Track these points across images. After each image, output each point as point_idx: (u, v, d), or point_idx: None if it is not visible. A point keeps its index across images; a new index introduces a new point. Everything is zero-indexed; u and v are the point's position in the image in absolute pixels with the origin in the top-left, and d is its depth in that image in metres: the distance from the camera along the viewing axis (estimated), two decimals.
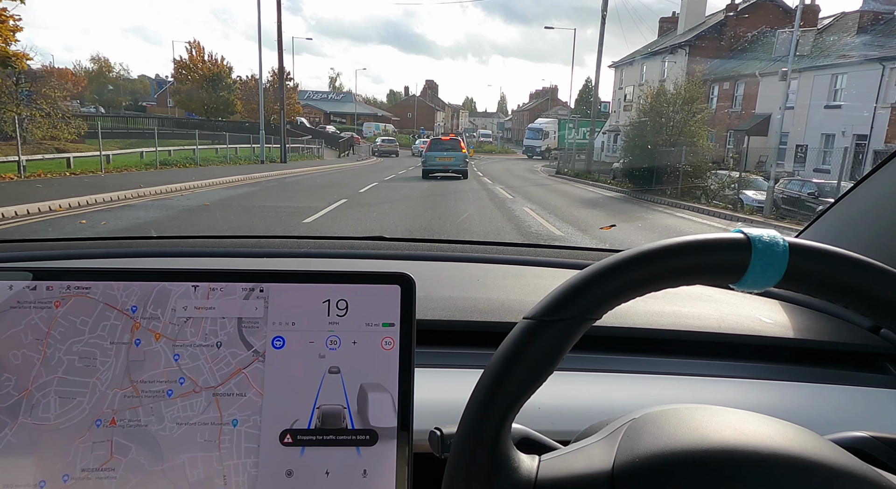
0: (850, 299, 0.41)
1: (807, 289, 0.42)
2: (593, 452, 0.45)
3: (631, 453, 0.43)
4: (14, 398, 0.53)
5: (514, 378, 0.41)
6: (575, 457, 0.45)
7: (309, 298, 0.56)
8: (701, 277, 0.41)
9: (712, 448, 0.42)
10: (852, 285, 0.40)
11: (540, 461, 0.44)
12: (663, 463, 0.41)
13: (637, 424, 0.46)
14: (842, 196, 1.08)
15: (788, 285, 0.41)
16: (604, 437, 0.47)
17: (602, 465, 0.43)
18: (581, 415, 0.68)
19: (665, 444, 0.43)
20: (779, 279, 0.40)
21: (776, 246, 0.40)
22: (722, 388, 0.77)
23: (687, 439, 0.43)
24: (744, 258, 0.40)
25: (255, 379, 0.54)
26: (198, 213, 9.98)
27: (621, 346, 0.86)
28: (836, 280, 0.40)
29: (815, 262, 0.40)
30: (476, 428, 0.41)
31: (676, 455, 0.42)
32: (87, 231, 7.70)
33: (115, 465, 0.52)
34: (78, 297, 0.54)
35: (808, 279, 0.41)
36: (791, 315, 0.97)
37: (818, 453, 0.42)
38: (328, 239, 1.43)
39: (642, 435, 0.45)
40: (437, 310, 0.87)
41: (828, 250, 0.41)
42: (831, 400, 0.76)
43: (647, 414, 0.47)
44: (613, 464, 0.43)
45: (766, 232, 0.41)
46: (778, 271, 0.40)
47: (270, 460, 0.53)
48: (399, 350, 0.56)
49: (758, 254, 0.40)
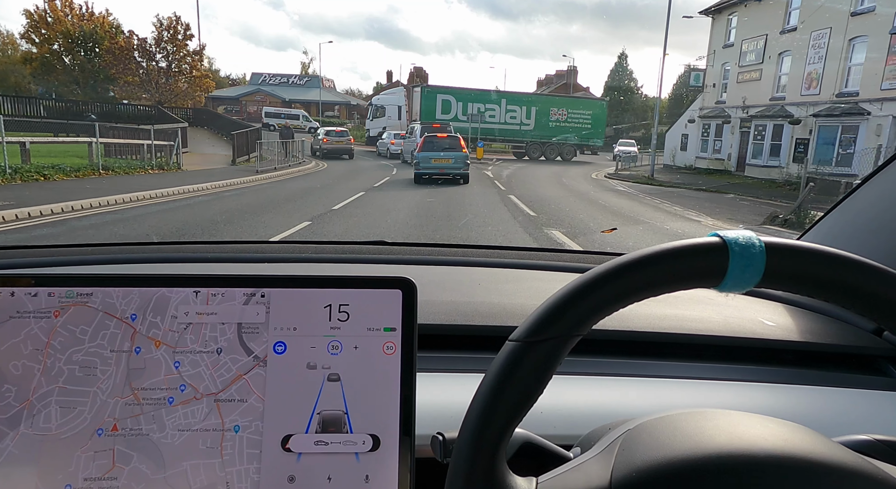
0: (829, 294, 0.41)
1: (786, 287, 0.42)
2: (590, 469, 0.45)
3: (627, 467, 0.43)
4: (15, 409, 0.53)
5: (503, 404, 0.41)
6: (572, 476, 0.45)
7: (310, 303, 0.56)
8: (681, 284, 0.41)
9: (706, 454, 0.42)
10: (828, 279, 0.41)
11: (538, 483, 0.44)
12: (659, 474, 0.41)
13: (632, 435, 0.46)
14: (843, 197, 1.08)
15: (769, 284, 0.41)
16: (599, 452, 0.47)
17: (600, 482, 0.43)
18: (584, 420, 0.68)
19: (661, 455, 0.43)
20: (759, 279, 0.40)
21: (753, 247, 0.40)
22: (724, 392, 0.77)
23: (681, 448, 0.43)
24: (722, 261, 0.40)
25: (256, 384, 0.54)
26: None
27: (624, 350, 0.85)
28: (812, 275, 0.41)
29: (790, 260, 0.41)
30: (468, 460, 0.41)
31: (671, 465, 0.42)
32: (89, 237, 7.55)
33: (118, 474, 0.52)
34: (77, 306, 0.54)
35: (787, 277, 0.41)
36: (793, 317, 0.96)
37: (813, 450, 0.42)
38: (329, 244, 1.43)
39: (638, 446, 0.45)
40: (439, 314, 0.87)
41: (801, 247, 0.41)
42: (834, 402, 0.76)
43: (642, 424, 0.47)
44: (611, 480, 0.43)
45: (742, 233, 0.41)
46: (757, 271, 0.40)
47: (272, 466, 0.53)
48: (401, 354, 0.56)
49: (735, 256, 0.40)
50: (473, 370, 0.76)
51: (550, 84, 73.67)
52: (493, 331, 0.84)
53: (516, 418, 0.41)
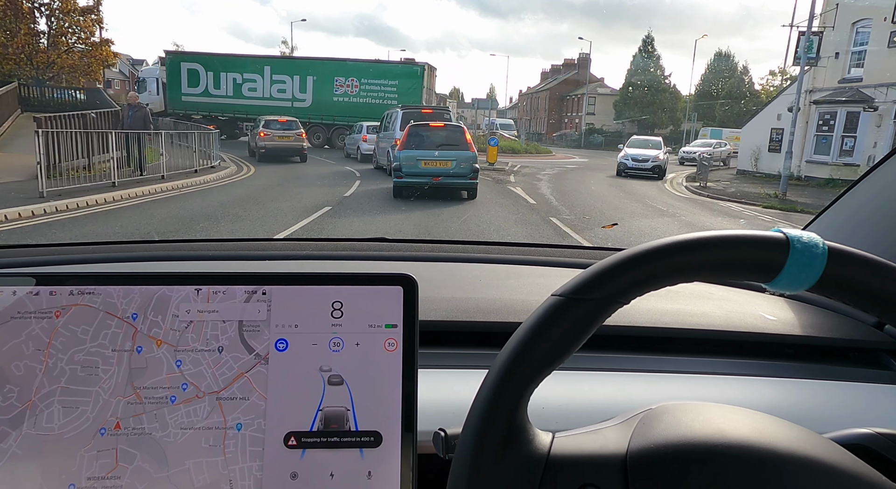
0: (885, 310, 0.40)
1: (840, 295, 0.41)
2: (608, 435, 0.45)
3: (646, 440, 0.43)
4: (18, 409, 0.53)
5: (537, 351, 0.41)
6: (589, 438, 0.45)
7: (312, 300, 0.56)
8: (735, 273, 0.40)
9: (729, 443, 0.42)
10: (889, 296, 0.39)
11: (554, 437, 0.45)
12: (679, 452, 0.41)
13: (654, 413, 0.46)
14: (845, 191, 1.08)
15: (822, 290, 0.40)
16: (619, 423, 0.47)
17: (616, 448, 0.43)
18: (584, 415, 0.68)
19: (680, 434, 0.43)
20: (814, 282, 0.39)
21: (815, 247, 0.39)
22: (725, 386, 0.77)
23: (703, 431, 0.43)
24: (780, 257, 0.39)
25: (257, 382, 0.54)
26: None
27: (624, 345, 0.85)
28: (874, 290, 0.39)
29: (854, 270, 0.39)
30: (496, 396, 0.41)
31: (693, 446, 0.42)
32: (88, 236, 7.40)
33: (121, 473, 0.52)
34: (78, 307, 0.54)
35: (844, 285, 0.40)
36: (795, 311, 0.96)
37: (832, 458, 0.42)
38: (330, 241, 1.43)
39: (658, 423, 0.45)
40: (440, 310, 0.87)
41: (871, 259, 0.40)
42: (835, 396, 0.76)
43: (664, 405, 0.47)
44: (628, 448, 0.43)
45: (806, 233, 0.40)
46: (814, 273, 0.39)
47: (275, 463, 0.53)
48: (402, 351, 0.56)
49: (795, 253, 0.39)
50: (475, 366, 0.76)
51: (558, 74, 61.91)
52: (495, 328, 0.84)
53: (545, 370, 0.41)
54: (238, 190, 12.00)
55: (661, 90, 45.44)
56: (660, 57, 46.74)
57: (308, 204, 9.90)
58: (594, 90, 52.09)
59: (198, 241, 1.35)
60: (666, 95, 45.69)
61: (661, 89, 45.47)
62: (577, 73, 56.39)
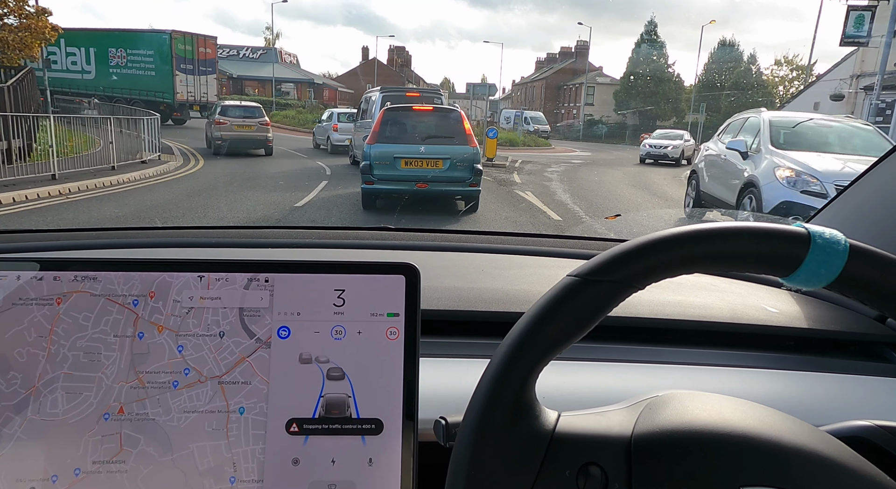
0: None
1: (858, 294, 0.40)
2: (614, 417, 0.45)
3: (652, 424, 0.43)
4: (21, 395, 0.53)
5: (550, 328, 0.41)
6: (595, 418, 0.45)
7: (314, 288, 0.56)
8: (753, 265, 0.40)
9: (734, 433, 0.42)
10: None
11: (560, 415, 0.45)
12: (683, 438, 0.42)
13: (661, 399, 0.47)
14: (849, 184, 1.07)
15: (840, 287, 0.39)
16: (625, 407, 0.47)
17: (621, 430, 0.44)
18: (585, 405, 0.68)
19: (687, 421, 0.43)
20: (832, 279, 0.39)
21: (836, 244, 0.38)
22: (726, 378, 0.77)
23: (710, 420, 0.43)
24: (800, 251, 0.38)
25: (259, 367, 0.55)
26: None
27: (626, 336, 0.85)
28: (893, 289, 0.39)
29: (875, 269, 0.39)
30: (505, 370, 0.41)
31: (698, 433, 0.42)
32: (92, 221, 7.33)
33: (126, 457, 0.53)
34: (79, 293, 0.55)
35: (863, 283, 0.39)
36: (796, 304, 0.96)
37: (832, 452, 0.42)
38: (333, 229, 1.43)
39: (665, 409, 0.45)
40: (442, 300, 0.87)
41: (892, 259, 0.39)
42: (835, 389, 0.76)
43: (671, 393, 0.48)
44: (633, 431, 0.43)
45: (828, 229, 0.39)
46: (834, 270, 0.38)
47: (277, 448, 0.54)
48: (404, 340, 0.56)
49: (816, 248, 0.38)
50: (476, 356, 0.77)
51: (554, 63, 58.25)
52: (496, 317, 0.84)
53: (555, 348, 0.41)
54: (156, 194, 8.71)
55: (665, 80, 43.78)
56: (664, 44, 44.57)
57: (240, 218, 7.24)
58: (593, 79, 49.67)
59: (200, 227, 1.35)
60: (670, 85, 44.03)
61: (665, 79, 43.80)
62: (574, 61, 52.83)
